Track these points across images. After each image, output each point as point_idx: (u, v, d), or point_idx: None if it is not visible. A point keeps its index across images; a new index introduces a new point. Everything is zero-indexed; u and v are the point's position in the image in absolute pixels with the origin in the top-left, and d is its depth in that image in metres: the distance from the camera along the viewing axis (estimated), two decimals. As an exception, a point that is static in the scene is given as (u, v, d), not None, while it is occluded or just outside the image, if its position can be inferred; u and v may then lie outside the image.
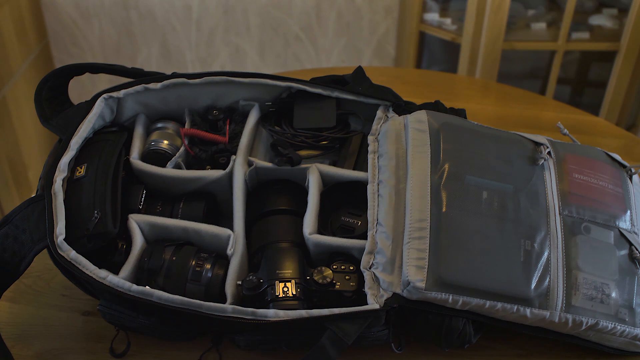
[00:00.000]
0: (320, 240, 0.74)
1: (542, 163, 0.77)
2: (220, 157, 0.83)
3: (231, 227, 0.76)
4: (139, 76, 0.86)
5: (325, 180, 0.81)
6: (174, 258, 0.72)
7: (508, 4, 1.83)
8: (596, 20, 2.06)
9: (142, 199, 0.78)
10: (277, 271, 0.71)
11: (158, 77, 0.85)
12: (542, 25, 2.03)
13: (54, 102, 0.84)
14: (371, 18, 2.23)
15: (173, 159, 0.82)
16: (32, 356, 0.74)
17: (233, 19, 2.18)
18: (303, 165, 0.81)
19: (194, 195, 0.81)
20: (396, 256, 0.70)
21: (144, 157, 0.83)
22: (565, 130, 0.87)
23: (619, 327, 0.70)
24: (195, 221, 0.76)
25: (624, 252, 0.74)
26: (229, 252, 0.74)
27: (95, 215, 0.72)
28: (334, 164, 0.85)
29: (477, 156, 0.76)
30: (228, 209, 0.80)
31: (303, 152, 0.84)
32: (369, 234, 0.74)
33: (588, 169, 0.79)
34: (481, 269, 0.68)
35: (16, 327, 0.78)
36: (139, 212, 0.77)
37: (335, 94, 0.86)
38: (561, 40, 1.94)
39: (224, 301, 0.69)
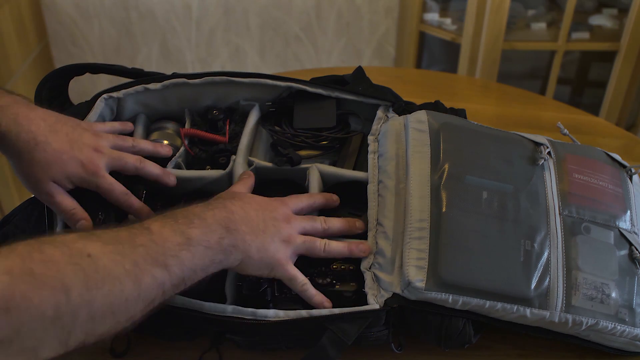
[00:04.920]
0: (320, 240, 0.74)
1: (542, 163, 0.77)
2: (220, 157, 0.83)
3: (231, 227, 0.76)
4: (139, 76, 0.86)
5: (325, 180, 0.81)
6: (174, 258, 0.72)
7: (508, 4, 1.83)
8: (596, 20, 2.06)
9: (143, 199, 0.78)
10: (277, 271, 0.71)
11: (158, 77, 0.85)
12: (542, 25, 2.03)
13: (54, 103, 0.84)
14: (371, 18, 2.23)
15: (173, 159, 0.82)
16: (32, 356, 0.74)
17: (233, 19, 2.19)
18: (303, 165, 0.81)
19: (194, 195, 0.81)
20: (396, 256, 0.70)
21: (144, 157, 0.82)
22: (565, 130, 0.87)
23: (619, 327, 0.70)
24: (195, 221, 0.76)
25: (624, 252, 0.74)
26: (229, 252, 0.74)
27: (100, 216, 0.72)
28: (334, 164, 0.85)
29: (477, 156, 0.76)
30: (228, 209, 0.80)
31: (303, 152, 0.84)
32: (369, 234, 0.74)
33: (588, 169, 0.79)
34: (481, 269, 0.69)
35: (16, 327, 0.77)
36: (139, 212, 0.77)
37: (335, 94, 0.86)
38: (561, 40, 1.94)
39: (224, 301, 0.70)
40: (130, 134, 0.83)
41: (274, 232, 0.66)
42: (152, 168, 0.77)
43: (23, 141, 0.67)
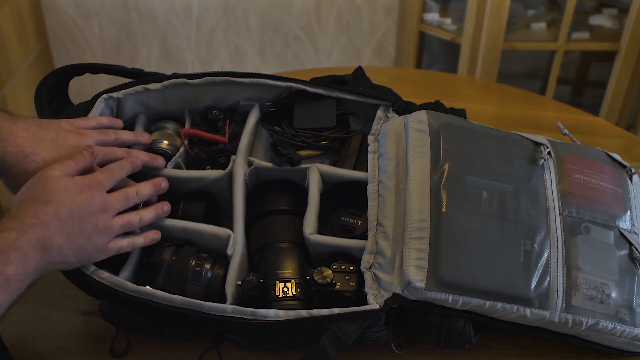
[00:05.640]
0: (320, 240, 0.74)
1: (542, 163, 0.77)
2: (220, 157, 0.83)
3: (231, 227, 0.76)
4: (139, 76, 0.86)
5: (325, 180, 0.81)
6: (173, 258, 0.72)
7: (508, 4, 1.83)
8: (596, 20, 2.06)
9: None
10: (277, 271, 0.71)
11: (158, 77, 0.85)
12: (542, 25, 2.03)
13: (54, 103, 0.84)
14: (371, 18, 2.23)
15: (173, 159, 0.82)
16: (32, 356, 0.74)
17: (233, 19, 2.18)
18: (303, 165, 0.81)
19: (194, 195, 0.81)
20: (396, 256, 0.70)
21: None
22: (565, 130, 0.87)
23: (619, 327, 0.70)
24: (196, 221, 0.76)
25: (624, 252, 0.74)
26: (228, 252, 0.74)
27: None
28: (334, 164, 0.85)
29: (477, 156, 0.76)
30: (228, 209, 0.80)
31: (303, 152, 0.84)
32: (369, 234, 0.74)
33: (588, 169, 0.79)
34: (481, 269, 0.69)
35: (16, 327, 0.77)
36: (139, 212, 0.77)
37: (335, 94, 0.86)
38: (561, 40, 1.94)
39: (224, 301, 0.70)
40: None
41: (91, 229, 0.65)
42: (140, 156, 0.77)
43: (11, 155, 0.67)
